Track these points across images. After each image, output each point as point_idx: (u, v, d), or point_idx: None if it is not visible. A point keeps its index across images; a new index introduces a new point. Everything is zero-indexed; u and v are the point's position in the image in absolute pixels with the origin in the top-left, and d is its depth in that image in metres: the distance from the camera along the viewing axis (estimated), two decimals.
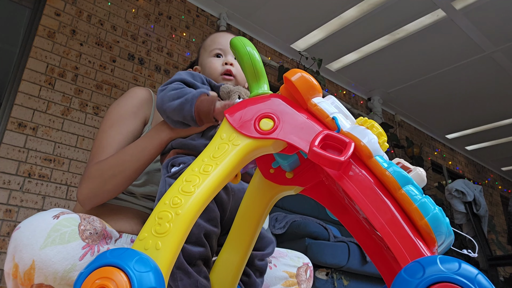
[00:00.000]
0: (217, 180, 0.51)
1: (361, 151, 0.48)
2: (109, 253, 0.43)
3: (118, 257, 0.42)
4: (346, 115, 0.55)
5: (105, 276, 0.41)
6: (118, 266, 0.41)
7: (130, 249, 0.44)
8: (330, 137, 0.49)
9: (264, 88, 0.62)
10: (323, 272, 2.19)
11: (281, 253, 0.94)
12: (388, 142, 2.14)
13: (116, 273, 0.41)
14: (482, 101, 4.56)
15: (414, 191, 0.45)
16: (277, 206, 2.75)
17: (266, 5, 3.33)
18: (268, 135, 0.53)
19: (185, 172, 0.52)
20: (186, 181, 0.50)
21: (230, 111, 0.58)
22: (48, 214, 0.64)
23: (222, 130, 0.56)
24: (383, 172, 0.47)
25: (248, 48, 0.62)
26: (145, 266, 0.42)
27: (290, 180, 0.64)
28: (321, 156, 0.46)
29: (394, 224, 0.44)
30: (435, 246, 0.44)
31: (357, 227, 0.60)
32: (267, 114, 0.55)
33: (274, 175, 0.65)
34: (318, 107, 0.54)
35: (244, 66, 0.62)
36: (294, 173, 0.64)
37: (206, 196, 0.50)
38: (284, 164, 0.63)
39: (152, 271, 0.42)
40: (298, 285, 0.90)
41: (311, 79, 0.55)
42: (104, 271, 0.41)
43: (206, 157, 0.53)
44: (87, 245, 0.64)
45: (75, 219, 0.65)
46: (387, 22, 3.41)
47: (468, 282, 0.35)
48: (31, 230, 0.61)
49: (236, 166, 0.53)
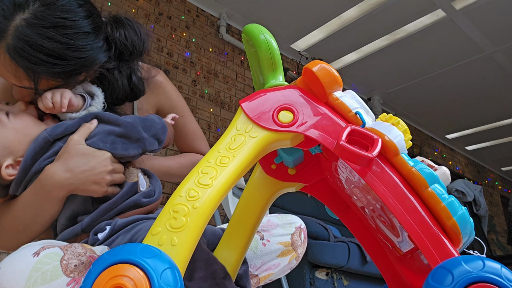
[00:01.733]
0: (235, 173, 0.49)
1: (388, 148, 0.47)
2: (121, 249, 0.39)
3: (132, 253, 0.38)
4: (367, 111, 0.53)
5: (119, 274, 0.37)
6: (133, 262, 0.37)
7: (144, 244, 0.41)
8: (356, 132, 0.47)
9: (279, 79, 0.59)
10: (323, 272, 2.19)
11: (272, 223, 0.90)
12: None
13: (132, 271, 0.37)
14: (482, 101, 4.56)
15: (441, 190, 0.44)
16: (277, 206, 2.75)
17: (266, 5, 3.33)
18: (287, 128, 0.51)
19: (200, 164, 0.49)
20: (203, 173, 0.48)
21: (245, 100, 0.55)
22: (28, 251, 0.61)
23: (237, 120, 0.54)
24: (409, 170, 0.46)
25: (266, 36, 0.58)
26: (163, 263, 0.38)
27: (292, 176, 0.62)
28: (349, 151, 0.45)
29: (422, 223, 0.43)
30: (459, 245, 0.44)
31: (359, 226, 0.60)
32: (286, 106, 0.53)
33: (276, 171, 0.63)
34: (340, 101, 0.52)
35: (260, 55, 0.59)
36: (296, 169, 0.62)
37: (224, 189, 0.47)
38: (289, 160, 0.61)
39: (171, 269, 0.38)
40: (295, 251, 0.88)
41: (334, 72, 0.53)
42: (117, 269, 0.37)
43: (221, 148, 0.51)
44: (72, 280, 0.60)
45: (56, 254, 0.61)
46: (387, 22, 3.41)
47: (497, 277, 0.36)
48: (11, 272, 0.57)
49: (254, 159, 0.51)
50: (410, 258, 0.54)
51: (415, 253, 0.52)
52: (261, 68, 0.60)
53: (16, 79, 0.74)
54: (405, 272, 0.54)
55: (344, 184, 0.59)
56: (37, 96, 0.77)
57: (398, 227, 0.51)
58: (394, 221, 0.51)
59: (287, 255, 0.87)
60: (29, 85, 0.75)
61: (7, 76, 0.74)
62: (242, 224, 0.66)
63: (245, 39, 0.62)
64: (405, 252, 0.53)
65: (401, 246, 0.53)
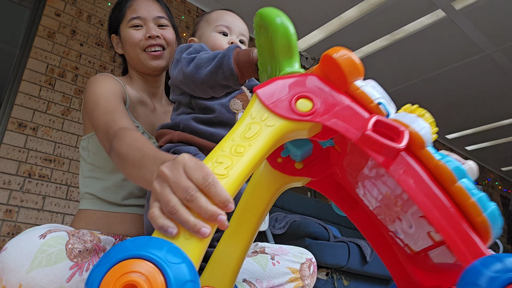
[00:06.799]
0: (251, 163, 0.46)
1: (414, 140, 0.44)
2: (131, 243, 0.36)
3: (144, 247, 0.35)
4: (389, 101, 0.50)
5: (130, 270, 0.33)
6: (145, 257, 0.34)
7: (156, 237, 0.38)
8: (381, 123, 0.45)
9: (296, 66, 0.55)
10: (323, 272, 2.19)
11: (284, 250, 0.93)
12: None
13: (145, 266, 0.34)
14: (482, 101, 4.56)
15: (470, 184, 0.42)
16: (277, 206, 2.75)
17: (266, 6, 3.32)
18: (306, 118, 0.48)
19: (214, 152, 0.47)
20: (217, 162, 0.45)
21: (261, 87, 0.52)
22: (35, 233, 0.62)
23: (252, 107, 0.51)
24: (436, 163, 0.43)
25: (283, 19, 0.55)
26: (177, 257, 0.35)
27: (299, 170, 0.60)
28: (376, 142, 0.42)
29: (451, 219, 0.41)
30: (488, 243, 0.41)
31: (366, 223, 0.57)
32: (304, 94, 0.50)
33: (282, 164, 0.61)
34: (362, 91, 0.49)
35: (276, 40, 0.54)
36: (304, 163, 0.59)
37: (240, 180, 0.44)
38: (297, 154, 0.58)
39: (186, 263, 0.35)
40: (302, 280, 0.89)
41: (356, 59, 0.50)
42: (127, 264, 0.34)
43: (236, 137, 0.48)
44: (75, 265, 0.62)
45: (62, 237, 0.63)
46: (387, 22, 3.41)
47: None
48: (17, 252, 0.59)
49: (270, 149, 0.48)
50: (423, 257, 0.52)
51: (428, 252, 0.51)
52: (275, 55, 0.56)
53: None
54: (414, 271, 0.53)
55: (356, 179, 0.56)
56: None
57: (416, 224, 0.49)
58: (410, 218, 0.49)
59: (294, 282, 0.88)
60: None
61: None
62: (246, 221, 0.63)
63: (258, 24, 0.58)
64: (419, 251, 0.52)
65: (417, 244, 0.51)
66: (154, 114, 1.01)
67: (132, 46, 0.98)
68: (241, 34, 0.92)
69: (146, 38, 0.97)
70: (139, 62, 0.99)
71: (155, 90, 1.05)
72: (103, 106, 0.83)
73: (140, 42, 0.97)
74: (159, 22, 1.00)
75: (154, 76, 1.03)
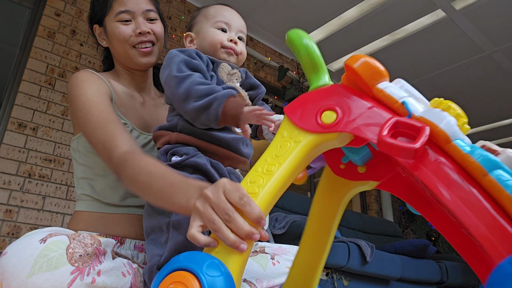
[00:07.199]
0: (281, 179, 0.49)
1: (438, 136, 0.43)
2: (183, 257, 0.44)
3: (189, 261, 0.43)
4: (417, 99, 0.50)
5: (177, 280, 0.42)
6: (189, 270, 0.42)
7: (202, 253, 0.45)
8: (401, 123, 0.45)
9: (325, 79, 0.58)
10: (323, 272, 2.19)
11: (284, 249, 0.93)
12: None
13: (188, 278, 0.42)
14: (482, 101, 4.56)
15: (505, 175, 0.39)
16: (277, 206, 2.75)
17: (266, 5, 3.33)
18: (331, 129, 0.50)
19: (249, 173, 0.51)
20: (250, 182, 0.50)
21: (289, 107, 0.55)
22: (35, 238, 0.61)
23: (283, 128, 0.54)
24: (464, 157, 0.42)
25: (305, 40, 0.58)
26: (216, 271, 0.42)
27: (363, 175, 0.60)
28: (391, 145, 0.42)
29: (484, 214, 0.39)
30: None
31: (444, 221, 0.54)
32: (329, 107, 0.52)
33: (345, 170, 0.61)
34: (385, 93, 0.49)
35: (301, 59, 0.59)
36: (366, 167, 0.59)
37: (271, 197, 0.48)
38: (355, 158, 0.58)
39: (224, 276, 0.42)
40: None
41: (375, 64, 0.51)
42: (177, 275, 0.42)
43: (268, 156, 0.52)
44: (76, 269, 0.61)
45: (63, 242, 0.62)
46: (387, 22, 3.41)
47: None
48: (17, 257, 0.58)
49: (301, 164, 0.51)
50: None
51: None
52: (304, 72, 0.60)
53: None
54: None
55: (416, 178, 0.55)
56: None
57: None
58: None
59: None
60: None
61: None
62: (319, 232, 0.65)
63: (289, 45, 0.61)
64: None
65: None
66: (143, 107, 0.99)
67: (121, 42, 0.94)
68: (240, 31, 0.92)
69: (136, 34, 0.93)
70: (128, 58, 0.95)
71: (143, 84, 1.03)
72: (96, 116, 0.81)
73: (130, 39, 0.93)
74: (148, 16, 0.96)
75: (142, 71, 1.01)
